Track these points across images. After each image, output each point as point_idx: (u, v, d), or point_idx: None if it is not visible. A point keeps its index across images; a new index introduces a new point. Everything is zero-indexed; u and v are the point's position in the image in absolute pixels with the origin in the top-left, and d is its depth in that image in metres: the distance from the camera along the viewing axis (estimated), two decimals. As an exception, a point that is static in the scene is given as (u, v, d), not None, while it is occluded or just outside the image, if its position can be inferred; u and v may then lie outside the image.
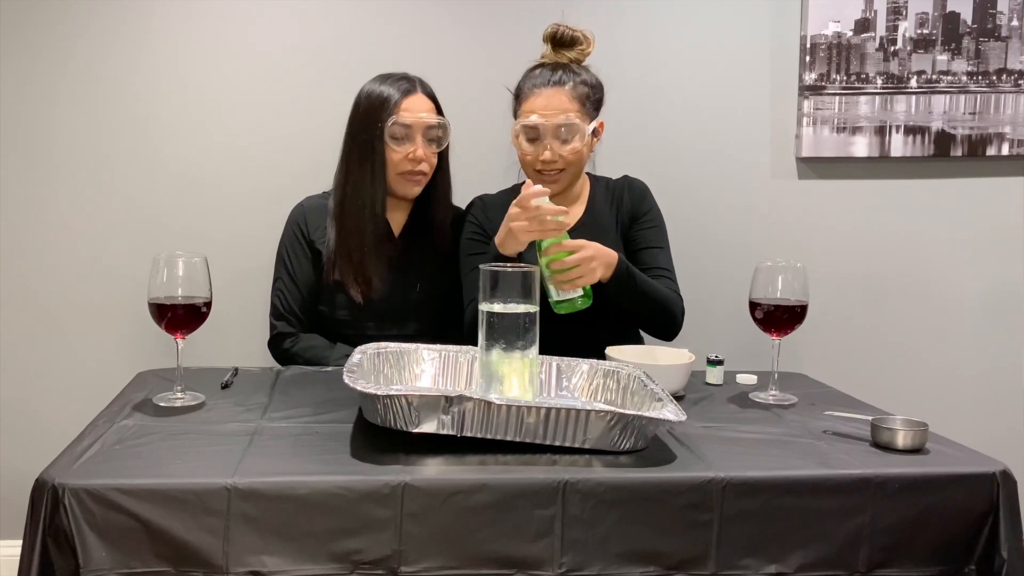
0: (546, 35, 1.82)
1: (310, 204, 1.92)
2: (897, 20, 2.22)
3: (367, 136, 1.81)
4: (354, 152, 1.83)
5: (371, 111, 1.81)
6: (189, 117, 2.15)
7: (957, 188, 2.30)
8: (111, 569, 1.07)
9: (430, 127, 1.82)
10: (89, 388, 1.96)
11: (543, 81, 1.76)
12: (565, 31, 1.81)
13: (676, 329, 1.81)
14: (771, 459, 1.22)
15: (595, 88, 1.80)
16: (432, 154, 1.84)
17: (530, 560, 1.12)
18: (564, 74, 1.76)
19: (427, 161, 1.83)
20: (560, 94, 1.74)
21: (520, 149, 1.78)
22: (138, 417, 1.35)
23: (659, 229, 1.87)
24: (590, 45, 1.82)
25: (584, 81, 1.78)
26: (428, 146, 1.83)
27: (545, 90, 1.75)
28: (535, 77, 1.78)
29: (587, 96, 1.77)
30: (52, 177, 2.14)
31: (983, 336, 2.34)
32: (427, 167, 1.84)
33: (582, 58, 1.82)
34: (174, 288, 1.43)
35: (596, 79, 1.81)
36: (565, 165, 1.77)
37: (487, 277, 1.30)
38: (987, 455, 1.25)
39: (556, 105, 1.74)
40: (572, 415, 1.19)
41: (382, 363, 1.45)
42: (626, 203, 1.87)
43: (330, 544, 1.09)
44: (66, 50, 2.11)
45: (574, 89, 1.75)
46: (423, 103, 1.82)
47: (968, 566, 1.19)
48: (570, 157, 1.76)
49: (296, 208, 1.93)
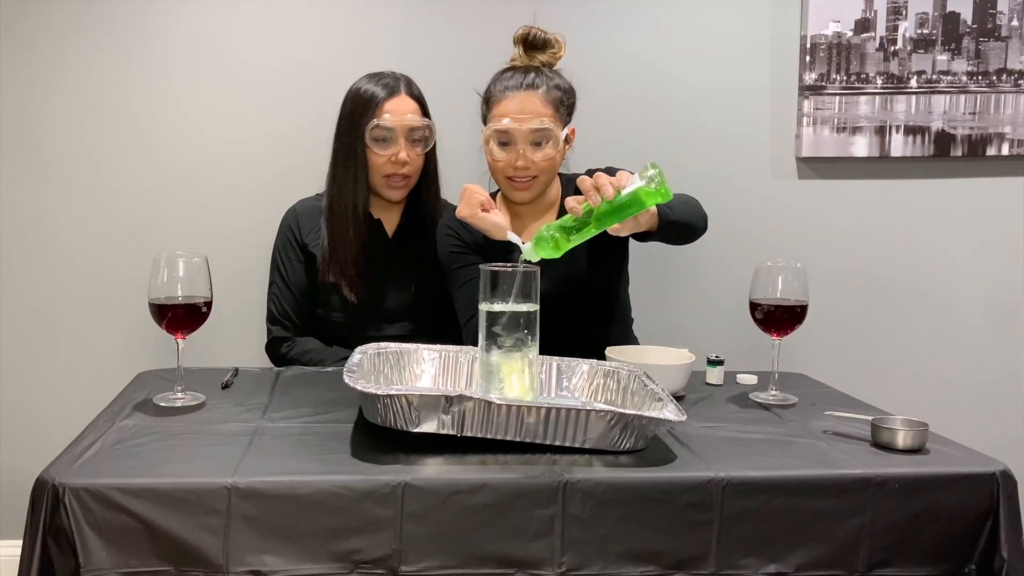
0: (517, 37, 1.76)
1: (302, 207, 1.92)
2: (897, 20, 2.22)
3: (351, 138, 1.80)
4: (340, 153, 1.83)
5: (355, 112, 1.80)
6: (189, 117, 2.15)
7: (957, 188, 2.30)
8: (111, 569, 1.07)
9: (413, 129, 1.80)
10: (89, 388, 1.95)
11: (515, 84, 1.70)
12: (537, 33, 1.75)
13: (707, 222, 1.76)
14: (771, 459, 1.22)
15: (568, 93, 1.75)
16: (417, 156, 1.82)
17: (530, 560, 1.12)
18: (537, 77, 1.70)
19: (411, 163, 1.81)
20: (533, 97, 1.69)
21: (491, 155, 1.72)
22: (138, 417, 1.35)
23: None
24: (562, 49, 1.77)
25: (557, 85, 1.72)
26: (412, 148, 1.81)
27: (518, 93, 1.69)
28: (506, 80, 1.72)
29: (560, 100, 1.72)
30: (52, 177, 2.14)
31: (983, 336, 2.34)
32: (411, 169, 1.82)
33: (554, 62, 1.76)
34: (174, 288, 1.43)
35: (568, 84, 1.76)
36: (538, 172, 1.70)
37: (487, 277, 1.30)
38: (987, 455, 1.25)
39: (530, 109, 1.68)
40: (572, 415, 1.19)
41: (382, 363, 1.45)
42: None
43: (330, 544, 1.09)
44: (61, 50, 2.10)
45: (547, 93, 1.70)
46: (406, 104, 1.80)
47: (968, 566, 1.19)
48: (543, 164, 1.70)
49: (288, 212, 1.93)
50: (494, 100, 1.72)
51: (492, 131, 1.70)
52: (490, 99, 1.74)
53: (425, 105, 1.84)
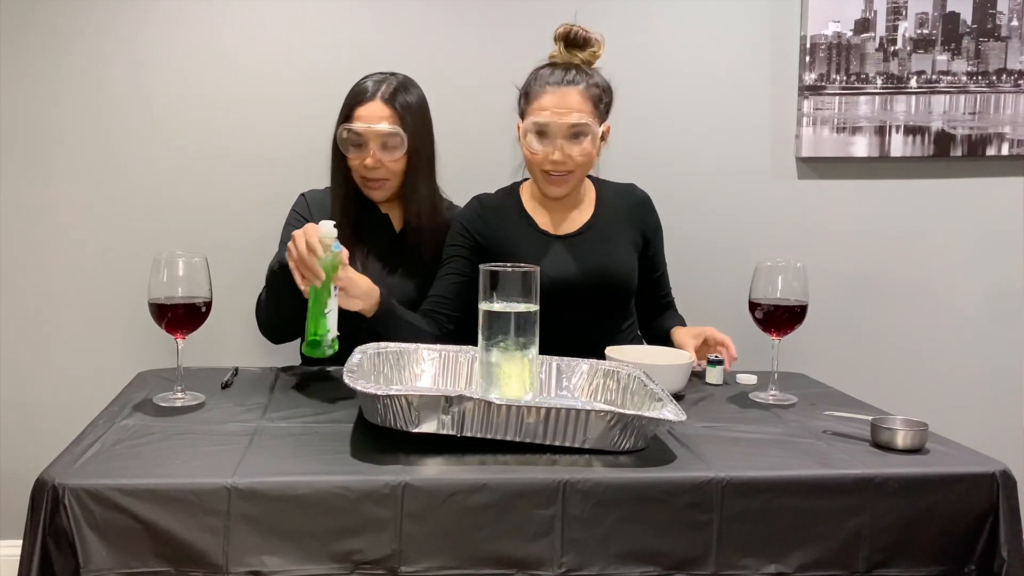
0: (558, 34, 1.78)
1: (312, 196, 1.93)
2: (897, 20, 2.22)
3: (335, 138, 1.83)
4: (333, 150, 1.86)
5: (340, 113, 1.82)
6: (190, 117, 2.15)
7: (957, 188, 2.30)
8: (111, 569, 1.07)
9: (382, 135, 1.78)
10: (89, 388, 1.95)
11: (556, 80, 1.72)
12: (579, 31, 1.77)
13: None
14: (771, 459, 1.22)
15: (606, 91, 1.77)
16: (391, 161, 1.80)
17: (530, 560, 1.12)
18: (577, 74, 1.73)
19: (384, 167, 1.80)
20: (573, 93, 1.71)
21: (528, 148, 1.74)
22: (138, 417, 1.35)
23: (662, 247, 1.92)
24: (601, 48, 1.79)
25: (596, 83, 1.75)
26: (383, 153, 1.79)
27: (558, 89, 1.71)
28: (546, 76, 1.74)
29: (599, 98, 1.75)
30: (51, 177, 2.14)
31: (983, 336, 2.34)
32: (385, 173, 1.81)
33: (593, 60, 1.78)
34: (174, 288, 1.43)
35: (607, 82, 1.78)
36: (574, 167, 1.73)
37: (487, 277, 1.30)
38: (987, 455, 1.25)
39: (568, 104, 1.70)
40: (572, 415, 1.19)
41: (382, 363, 1.45)
42: (641, 219, 1.87)
43: (330, 544, 1.09)
44: (64, 50, 2.11)
45: (587, 90, 1.72)
46: (377, 111, 1.78)
47: (968, 566, 1.19)
48: (579, 159, 1.72)
49: (299, 198, 1.94)
50: (533, 94, 1.74)
51: (531, 123, 1.72)
52: (529, 93, 1.76)
53: (407, 110, 1.80)
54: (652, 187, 1.93)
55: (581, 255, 1.78)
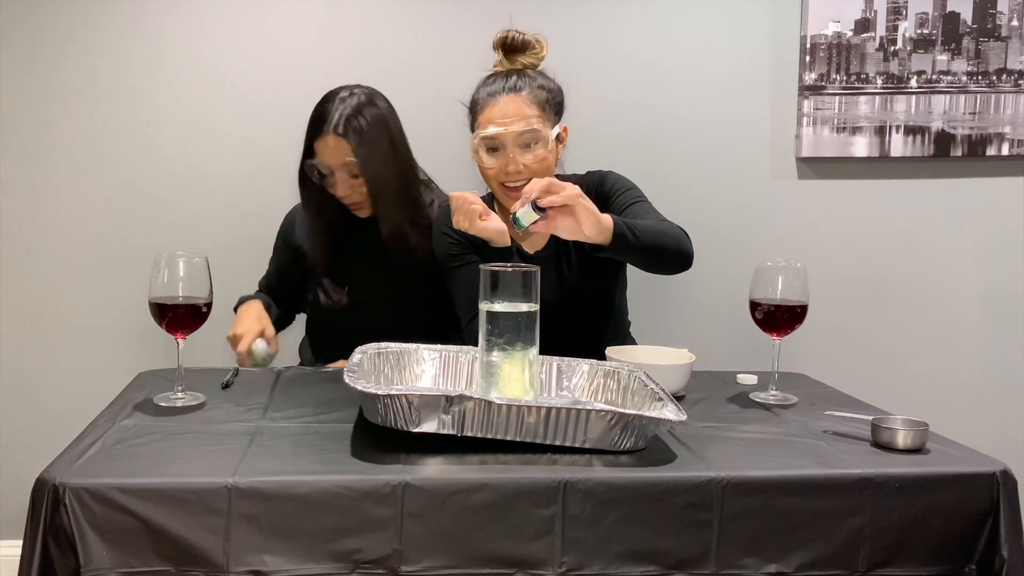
0: (496, 42, 1.75)
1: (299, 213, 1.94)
2: (897, 20, 2.22)
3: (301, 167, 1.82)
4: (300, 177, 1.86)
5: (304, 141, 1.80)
6: (191, 118, 2.16)
7: (957, 188, 2.30)
8: (112, 568, 1.07)
9: (345, 165, 1.76)
10: (90, 388, 1.95)
11: (497, 89, 1.68)
12: (515, 35, 1.73)
13: (690, 259, 1.63)
14: (771, 459, 1.22)
15: (554, 92, 1.73)
16: (360, 184, 1.78)
17: (530, 560, 1.12)
18: (519, 79, 1.69)
19: (356, 192, 1.79)
20: (517, 100, 1.66)
21: (481, 163, 1.70)
22: (139, 417, 1.35)
23: (632, 191, 1.77)
24: (543, 49, 1.75)
25: (541, 86, 1.71)
26: (355, 180, 1.78)
27: (501, 98, 1.67)
28: (489, 86, 1.70)
29: (546, 101, 1.70)
30: (52, 177, 2.15)
31: (983, 336, 2.34)
32: (358, 196, 1.80)
33: (537, 63, 1.75)
34: (175, 288, 1.43)
35: (554, 83, 1.74)
36: (531, 175, 1.64)
37: (487, 277, 1.30)
38: (987, 455, 1.25)
39: (514, 112, 1.66)
40: (572, 415, 1.19)
41: (382, 363, 1.45)
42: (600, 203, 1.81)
43: (331, 543, 1.09)
44: (64, 49, 2.11)
45: (531, 94, 1.68)
46: (333, 147, 1.75)
47: (968, 566, 1.19)
48: (535, 166, 1.66)
49: (286, 216, 1.98)
50: (479, 107, 1.71)
51: (479, 139, 1.68)
52: (475, 107, 1.73)
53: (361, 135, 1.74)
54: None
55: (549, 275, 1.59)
